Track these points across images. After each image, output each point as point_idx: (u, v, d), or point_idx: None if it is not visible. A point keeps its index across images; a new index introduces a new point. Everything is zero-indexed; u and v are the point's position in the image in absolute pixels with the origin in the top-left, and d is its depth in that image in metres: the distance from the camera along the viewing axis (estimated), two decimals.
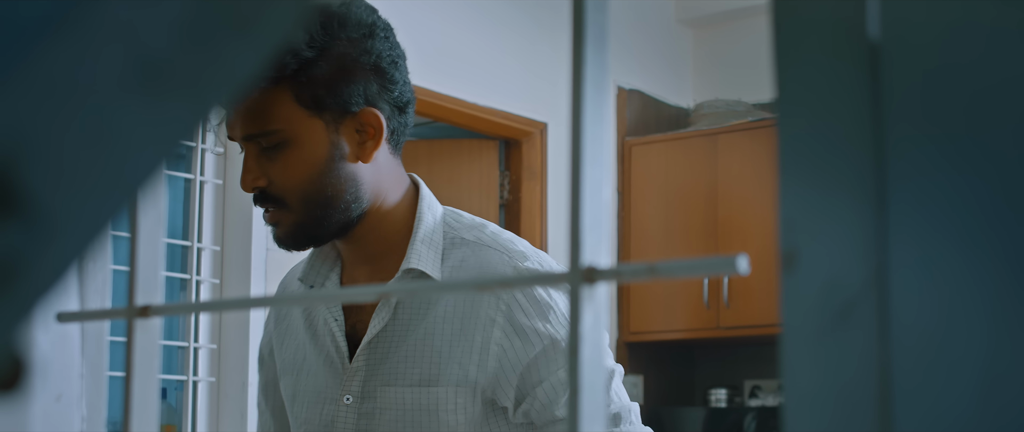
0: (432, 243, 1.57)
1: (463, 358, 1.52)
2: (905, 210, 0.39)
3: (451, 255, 1.57)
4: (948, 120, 0.39)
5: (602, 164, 0.45)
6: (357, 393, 1.56)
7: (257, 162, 1.51)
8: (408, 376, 1.53)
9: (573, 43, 0.44)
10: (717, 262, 0.42)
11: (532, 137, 5.20)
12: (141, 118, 0.27)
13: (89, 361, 0.79)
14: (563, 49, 5.19)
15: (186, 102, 0.28)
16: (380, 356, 1.56)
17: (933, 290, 0.39)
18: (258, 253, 4.00)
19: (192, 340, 3.97)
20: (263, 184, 1.51)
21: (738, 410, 5.49)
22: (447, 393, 1.51)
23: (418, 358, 1.53)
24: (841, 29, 0.40)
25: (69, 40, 0.27)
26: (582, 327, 0.44)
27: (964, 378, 0.39)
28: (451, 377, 1.51)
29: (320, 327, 1.63)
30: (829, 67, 0.40)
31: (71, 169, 0.28)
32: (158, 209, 0.54)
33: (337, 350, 1.59)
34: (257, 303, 0.56)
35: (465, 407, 1.51)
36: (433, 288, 0.47)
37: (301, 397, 1.62)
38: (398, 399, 1.53)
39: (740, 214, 5.30)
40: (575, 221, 0.44)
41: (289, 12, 0.29)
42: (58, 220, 0.28)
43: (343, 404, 1.57)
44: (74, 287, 0.79)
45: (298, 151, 1.50)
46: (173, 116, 0.28)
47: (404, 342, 1.55)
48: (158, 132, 0.28)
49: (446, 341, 1.53)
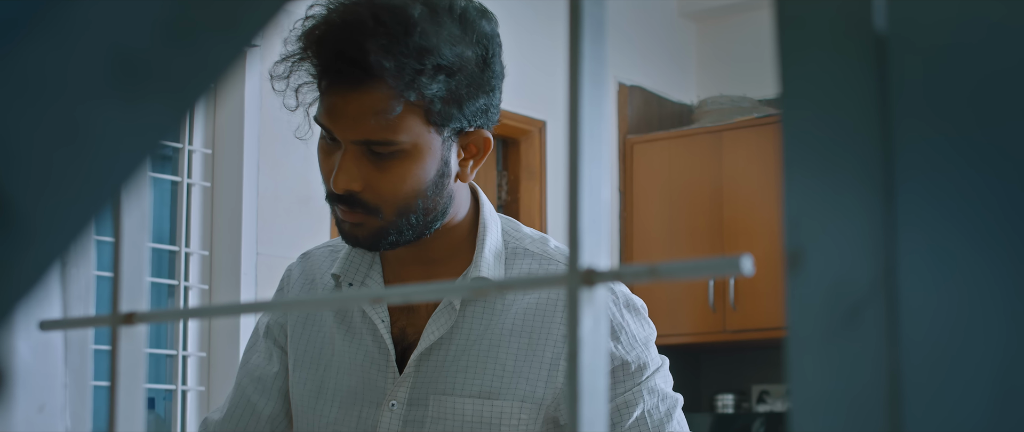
0: (497, 252, 1.57)
1: (531, 374, 1.52)
2: (915, 207, 0.39)
3: (515, 265, 1.58)
4: (958, 113, 0.39)
5: (601, 162, 0.45)
6: (404, 399, 1.54)
7: (358, 165, 1.45)
8: (469, 387, 1.52)
9: (570, 36, 0.44)
10: (721, 263, 0.42)
11: (530, 136, 5.20)
12: (120, 118, 0.27)
13: (73, 370, 0.79)
14: (564, 44, 5.19)
15: (166, 102, 0.28)
16: (436, 364, 1.54)
17: (945, 290, 0.39)
18: (248, 258, 4.00)
19: (180, 348, 3.97)
20: (358, 188, 1.46)
21: (746, 416, 5.49)
22: (511, 407, 1.51)
23: (481, 370, 1.52)
24: (847, 21, 0.40)
25: (44, 38, 0.27)
26: (581, 331, 0.44)
27: (978, 383, 0.39)
28: (517, 391, 1.51)
29: (357, 324, 1.60)
30: (834, 60, 0.40)
31: (49, 170, 0.28)
32: (142, 211, 0.54)
33: (381, 351, 1.57)
34: (248, 308, 0.56)
35: (527, 423, 1.51)
36: (425, 293, 0.47)
37: (329, 396, 1.59)
38: (457, 410, 1.52)
39: (746, 214, 5.30)
40: (573, 221, 0.44)
41: (269, 9, 0.29)
42: (36, 223, 0.28)
43: (388, 409, 1.54)
44: (56, 294, 0.79)
45: (412, 165, 1.46)
46: (153, 116, 0.28)
47: (466, 352, 1.53)
48: (138, 132, 0.28)
49: (513, 355, 1.52)
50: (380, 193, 1.46)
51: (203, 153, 4.06)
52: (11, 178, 0.28)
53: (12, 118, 0.28)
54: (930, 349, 0.38)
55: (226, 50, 0.28)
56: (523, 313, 1.54)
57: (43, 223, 0.28)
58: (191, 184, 4.02)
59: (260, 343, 1.72)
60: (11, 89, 0.27)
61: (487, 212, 1.60)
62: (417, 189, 1.47)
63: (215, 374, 4.01)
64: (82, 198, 0.28)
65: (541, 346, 1.53)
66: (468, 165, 1.52)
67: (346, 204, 1.48)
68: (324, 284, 1.68)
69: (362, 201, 1.47)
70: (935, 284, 0.39)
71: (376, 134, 1.43)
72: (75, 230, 0.29)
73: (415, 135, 1.44)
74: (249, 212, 4.02)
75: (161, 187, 3.98)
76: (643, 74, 5.74)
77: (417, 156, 1.45)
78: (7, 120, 0.28)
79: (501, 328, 1.54)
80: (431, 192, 1.49)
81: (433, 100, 1.42)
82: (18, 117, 0.28)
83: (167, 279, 3.95)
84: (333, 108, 1.44)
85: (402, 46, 1.39)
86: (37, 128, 0.27)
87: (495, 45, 1.49)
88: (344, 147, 1.46)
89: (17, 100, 0.27)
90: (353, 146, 1.45)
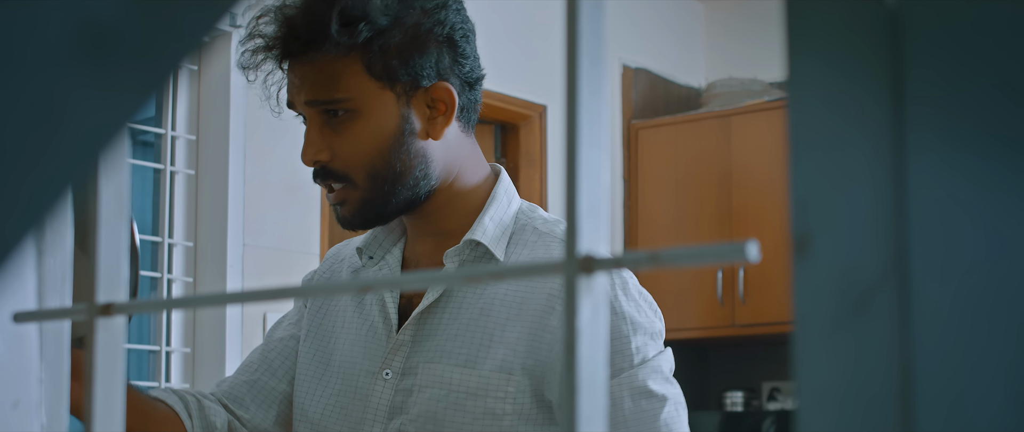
0: (501, 223, 1.63)
1: (514, 342, 1.55)
2: (927, 190, 0.39)
3: (519, 240, 1.63)
4: (972, 92, 0.39)
5: (600, 145, 0.45)
6: (398, 368, 1.60)
7: (321, 134, 1.56)
8: (454, 355, 1.57)
9: (566, 13, 0.44)
10: (725, 249, 0.42)
11: (530, 121, 5.19)
12: (88, 92, 0.27)
13: (48, 365, 0.79)
14: (563, 25, 5.18)
15: (137, 72, 0.28)
16: (429, 331, 1.60)
17: (958, 277, 0.39)
18: (234, 249, 4.00)
19: (163, 343, 3.97)
20: (326, 158, 1.56)
21: (756, 414, 5.49)
22: (494, 379, 1.54)
23: (467, 337, 1.57)
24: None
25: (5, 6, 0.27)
26: (579, 321, 0.44)
27: (992, 375, 0.39)
28: (496, 360, 1.54)
29: (369, 296, 1.68)
30: (844, 36, 0.40)
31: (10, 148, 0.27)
32: (120, 195, 0.54)
33: (385, 320, 1.63)
34: (233, 298, 0.56)
35: (514, 397, 1.54)
36: (416, 281, 0.47)
37: (335, 368, 1.66)
38: (443, 378, 1.56)
39: (756, 201, 5.30)
40: (571, 207, 0.44)
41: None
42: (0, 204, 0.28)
43: (381, 378, 1.60)
44: (31, 284, 0.79)
45: (366, 123, 1.55)
46: (124, 88, 0.27)
47: (456, 319, 1.59)
48: (108, 107, 0.28)
49: (500, 323, 1.56)
50: (344, 159, 1.56)
51: (187, 139, 4.06)
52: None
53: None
54: (943, 338, 0.38)
55: (201, 20, 0.28)
56: (516, 283, 1.59)
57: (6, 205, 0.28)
58: (174, 172, 4.02)
59: (292, 311, 1.82)
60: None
61: (502, 188, 1.66)
62: (380, 148, 1.56)
63: (200, 371, 4.01)
64: (49, 178, 0.28)
65: (527, 314, 1.56)
66: (437, 122, 1.59)
67: (322, 179, 1.58)
68: (350, 262, 1.76)
69: (333, 171, 1.57)
70: (948, 269, 0.39)
71: (323, 93, 1.55)
72: (42, 213, 0.28)
73: (361, 91, 1.55)
74: (235, 201, 4.02)
75: (143, 175, 3.98)
76: (648, 55, 5.74)
77: (370, 113, 1.55)
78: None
79: (492, 297, 1.58)
80: (396, 151, 1.56)
81: (370, 53, 1.53)
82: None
83: (149, 271, 3.95)
84: (290, 84, 1.59)
85: (328, 9, 1.53)
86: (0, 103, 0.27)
87: (450, 0, 1.59)
88: (306, 118, 1.58)
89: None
90: (311, 113, 1.57)
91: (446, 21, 1.58)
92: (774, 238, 5.05)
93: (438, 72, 1.57)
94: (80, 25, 0.27)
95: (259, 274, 4.06)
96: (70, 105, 0.27)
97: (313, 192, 4.23)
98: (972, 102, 0.39)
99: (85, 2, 0.27)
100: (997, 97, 0.39)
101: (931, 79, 0.39)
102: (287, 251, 4.16)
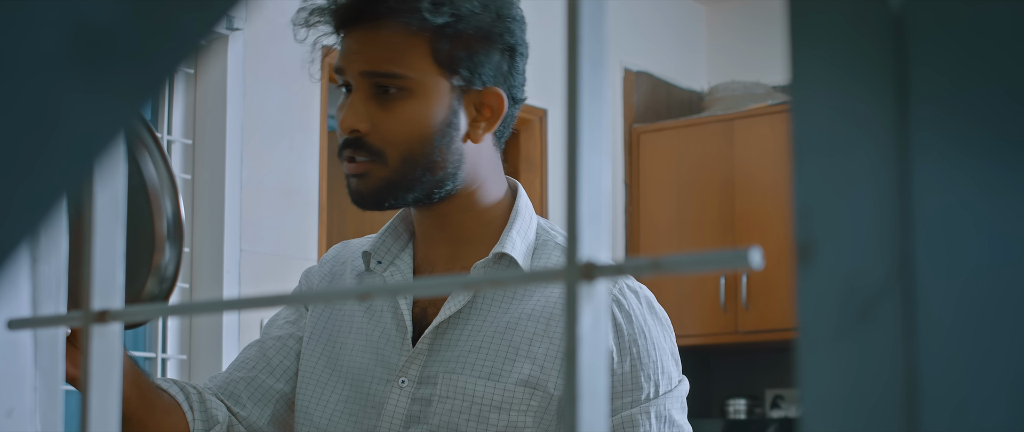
0: (526, 237, 1.64)
1: (542, 358, 1.55)
2: (932, 194, 0.39)
3: (542, 254, 1.65)
4: (977, 95, 0.39)
5: (601, 149, 0.45)
6: (415, 377, 1.59)
7: (365, 105, 1.56)
8: (478, 366, 1.57)
9: (567, 15, 0.44)
10: (727, 256, 0.42)
11: (530, 125, 5.20)
12: (83, 97, 0.27)
13: (43, 372, 0.79)
14: (563, 28, 5.18)
15: (134, 76, 0.28)
16: (449, 341, 1.59)
17: (963, 283, 0.39)
18: (231, 255, 4.00)
19: (160, 350, 3.97)
20: (365, 129, 1.55)
21: (759, 422, 5.49)
22: (519, 392, 1.54)
23: (493, 350, 1.57)
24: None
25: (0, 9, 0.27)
26: (580, 328, 0.44)
27: (997, 382, 0.39)
28: (521, 373, 1.55)
29: (379, 301, 1.67)
30: (847, 38, 0.40)
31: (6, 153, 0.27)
32: (115, 200, 0.54)
33: (399, 327, 1.63)
34: (230, 306, 0.56)
35: (538, 413, 1.54)
36: (416, 287, 0.47)
37: (343, 373, 1.65)
38: (466, 389, 1.56)
39: (759, 206, 5.30)
40: (572, 212, 0.44)
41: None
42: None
43: (397, 386, 1.60)
44: (25, 291, 0.79)
45: (417, 106, 1.55)
46: (120, 92, 0.27)
47: (480, 331, 1.59)
48: (103, 112, 0.28)
49: (527, 338, 1.57)
50: (385, 135, 1.55)
51: (183, 143, 4.06)
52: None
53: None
54: (948, 345, 0.38)
55: (197, 23, 0.28)
56: (544, 300, 1.59)
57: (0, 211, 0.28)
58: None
59: (289, 308, 1.81)
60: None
61: (523, 203, 1.67)
62: (423, 134, 1.55)
63: (197, 378, 4.01)
64: (43, 183, 0.28)
65: (556, 330, 1.56)
66: (480, 127, 1.60)
67: (352, 148, 1.57)
68: (354, 265, 1.75)
69: (367, 144, 1.56)
70: (953, 275, 0.39)
71: (382, 65, 1.54)
72: (37, 218, 0.28)
73: (421, 72, 1.54)
74: (232, 206, 4.02)
75: None
76: (650, 58, 5.74)
77: (424, 97, 1.55)
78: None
79: (520, 312, 1.59)
80: (437, 142, 1.56)
81: (439, 38, 1.53)
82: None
83: None
84: (346, 49, 1.58)
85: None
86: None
87: (519, 18, 1.65)
88: (354, 87, 1.57)
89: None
90: (362, 83, 1.56)
91: (514, 33, 1.62)
92: (777, 244, 5.05)
93: (495, 78, 1.59)
94: (75, 28, 0.27)
95: (256, 280, 4.05)
96: (65, 109, 0.27)
97: (310, 197, 4.23)
98: (977, 105, 0.39)
99: (80, 5, 0.27)
100: (1002, 100, 0.39)
101: (935, 82, 0.39)
102: (284, 256, 4.16)
